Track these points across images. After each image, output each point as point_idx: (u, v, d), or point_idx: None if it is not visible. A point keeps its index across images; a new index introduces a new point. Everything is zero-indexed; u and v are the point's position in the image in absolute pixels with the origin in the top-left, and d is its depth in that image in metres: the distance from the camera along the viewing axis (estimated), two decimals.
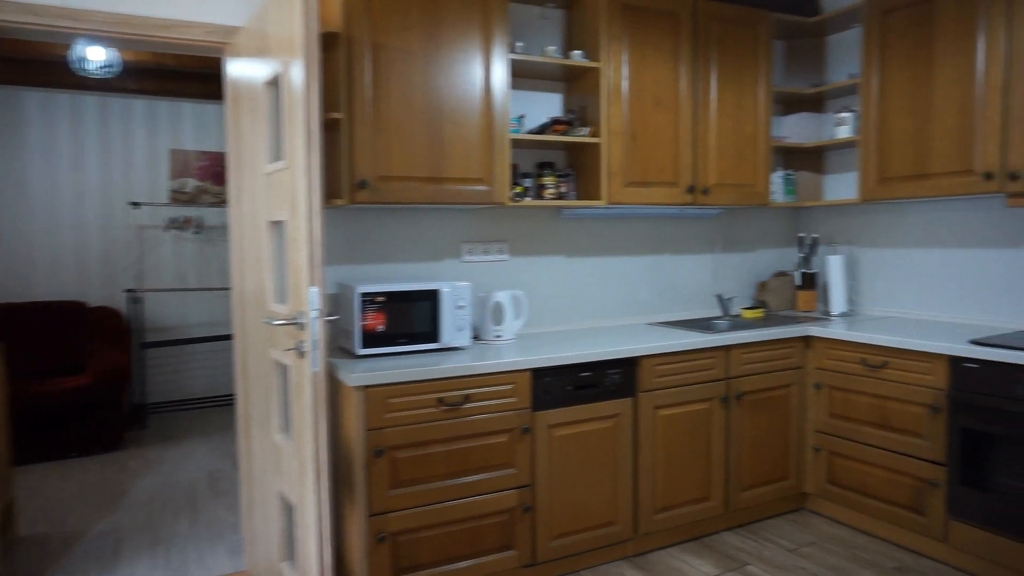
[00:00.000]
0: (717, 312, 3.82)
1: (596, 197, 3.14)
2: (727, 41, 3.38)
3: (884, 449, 2.99)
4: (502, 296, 3.00)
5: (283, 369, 2.36)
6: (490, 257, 3.21)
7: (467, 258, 3.16)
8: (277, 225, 2.36)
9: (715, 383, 3.06)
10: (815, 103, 3.91)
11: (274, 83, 2.31)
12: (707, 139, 3.35)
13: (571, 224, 3.41)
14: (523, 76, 3.23)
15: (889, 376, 2.96)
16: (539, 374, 2.66)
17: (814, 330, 3.26)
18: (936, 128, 3.05)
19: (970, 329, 3.06)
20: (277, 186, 2.25)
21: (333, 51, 2.63)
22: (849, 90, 3.64)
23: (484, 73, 2.80)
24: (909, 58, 3.15)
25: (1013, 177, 2.78)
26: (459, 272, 3.15)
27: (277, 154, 2.31)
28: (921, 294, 3.48)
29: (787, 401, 3.27)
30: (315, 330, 2.01)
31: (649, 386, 2.90)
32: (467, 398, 2.52)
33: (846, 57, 3.77)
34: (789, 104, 3.92)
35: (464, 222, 3.15)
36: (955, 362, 2.73)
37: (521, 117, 3.15)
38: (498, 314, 2.98)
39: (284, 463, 2.33)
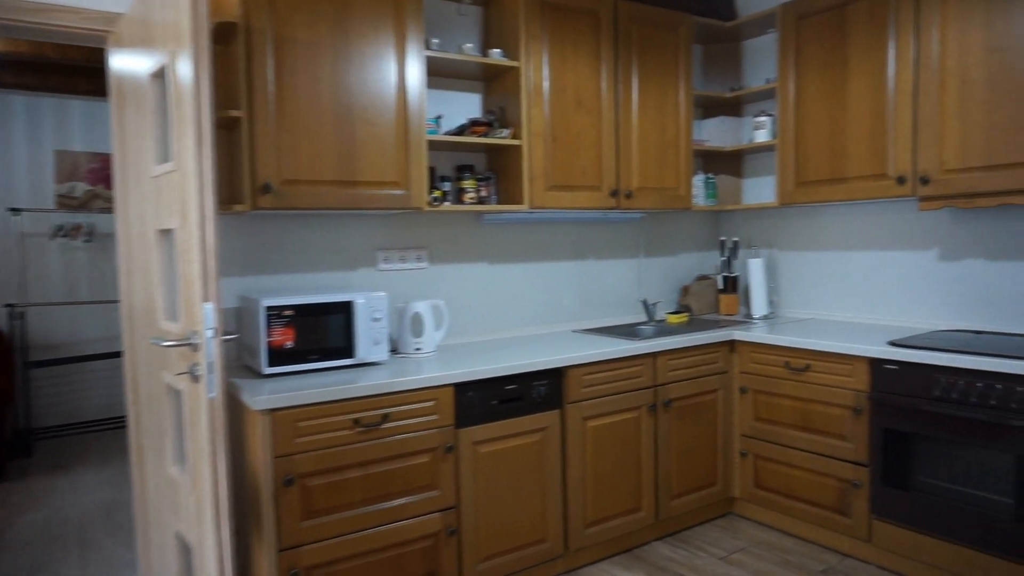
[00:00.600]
0: (642, 317, 3.77)
1: (518, 201, 3.02)
2: (648, 43, 3.34)
3: (808, 451, 3.00)
4: (421, 306, 2.84)
5: (176, 394, 2.12)
6: (408, 265, 3.04)
7: (383, 267, 2.98)
8: (167, 234, 2.12)
9: (643, 391, 2.99)
10: (733, 107, 3.93)
11: (160, 76, 2.08)
12: (629, 142, 3.29)
13: (493, 229, 3.28)
14: (440, 75, 3.08)
15: (812, 379, 2.97)
16: (462, 389, 2.52)
17: (738, 334, 3.25)
18: (851, 133, 3.09)
19: (888, 330, 3.12)
20: (166, 191, 2.02)
21: (231, 43, 2.41)
22: (767, 94, 3.67)
23: (398, 70, 2.63)
24: (824, 64, 3.18)
25: (924, 181, 2.84)
26: (375, 282, 2.97)
27: (165, 155, 2.08)
28: (839, 296, 3.53)
29: (714, 406, 3.25)
30: (210, 351, 1.80)
31: (577, 397, 2.80)
32: (385, 417, 2.34)
33: (763, 62, 3.80)
34: (708, 108, 3.93)
35: (379, 229, 2.97)
36: (875, 364, 2.75)
37: (439, 118, 3.00)
38: (417, 325, 2.82)
39: (181, 499, 2.10)
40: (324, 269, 2.85)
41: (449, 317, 3.13)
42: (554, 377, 2.74)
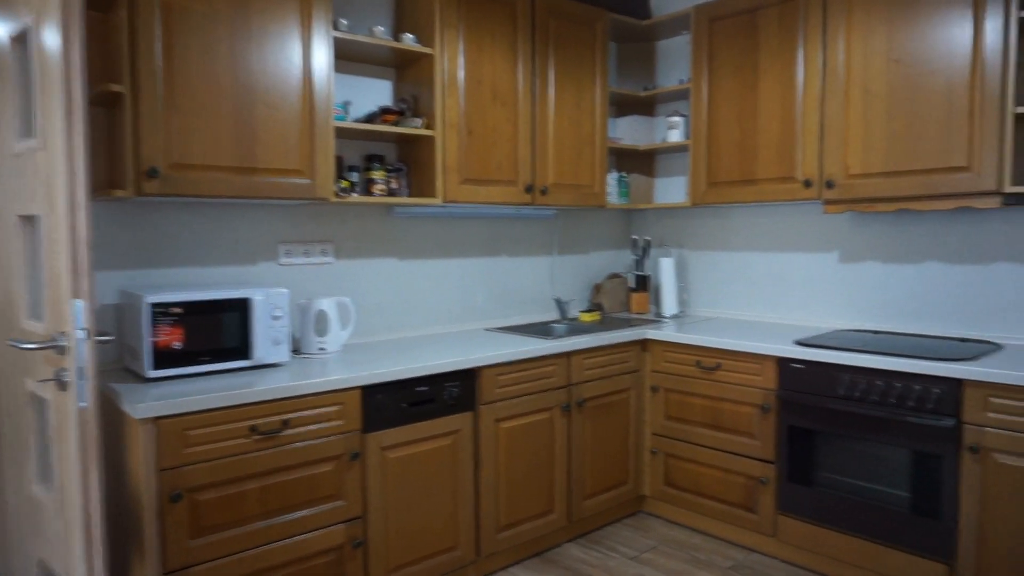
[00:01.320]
0: (554, 315, 3.73)
1: (431, 195, 2.90)
2: (565, 38, 3.28)
3: (718, 449, 3.04)
4: (326, 303, 2.67)
5: (41, 404, 1.88)
6: (312, 260, 2.86)
7: (285, 261, 2.78)
8: (30, 221, 1.87)
9: (557, 391, 2.94)
10: (646, 106, 3.94)
11: (22, 40, 1.82)
12: (546, 137, 3.23)
13: (403, 223, 3.14)
14: (348, 59, 2.91)
15: (722, 378, 3.00)
16: (370, 391, 2.37)
17: (651, 333, 3.25)
18: (762, 136, 3.14)
19: (793, 330, 3.19)
20: (30, 171, 1.77)
21: (112, 9, 2.17)
22: (680, 95, 3.69)
23: (303, 50, 2.45)
24: (736, 67, 3.22)
25: (829, 185, 2.91)
26: (276, 277, 2.77)
27: (29, 129, 1.83)
28: (746, 295, 3.60)
29: (626, 405, 3.24)
30: (81, 355, 1.59)
31: (490, 398, 2.71)
32: (286, 424, 2.17)
33: (676, 62, 3.83)
34: (621, 106, 3.92)
35: (281, 220, 2.78)
36: (783, 363, 2.81)
37: (347, 104, 2.83)
38: (322, 324, 2.65)
39: (46, 523, 1.86)
40: (219, 263, 2.63)
41: (356, 315, 2.97)
42: (467, 378, 2.64)
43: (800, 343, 2.79)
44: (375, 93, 3.04)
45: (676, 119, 3.62)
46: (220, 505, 2.05)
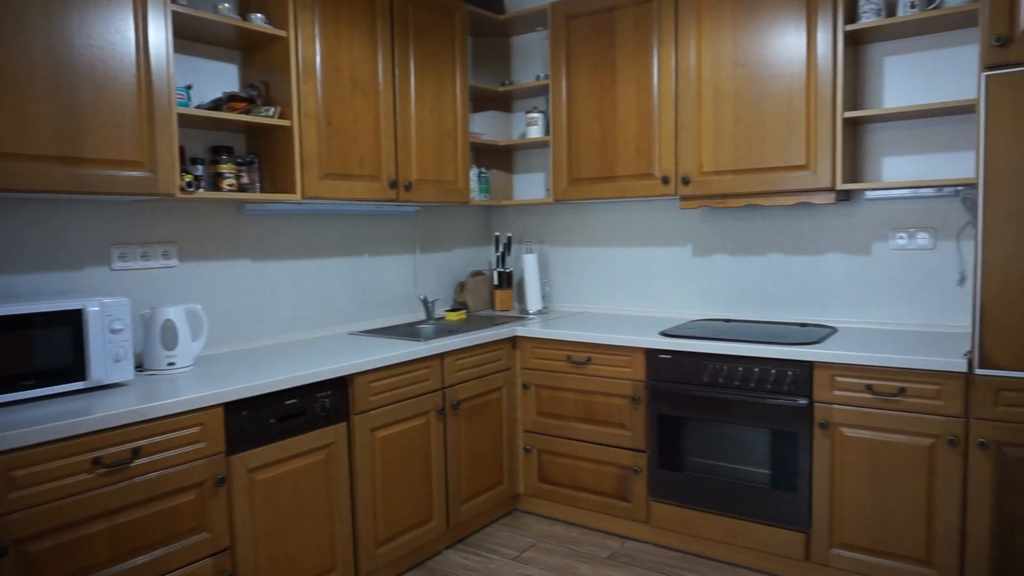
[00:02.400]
0: (419, 316, 3.61)
1: (288, 190, 2.67)
2: (425, 28, 3.17)
3: (591, 442, 3.08)
4: (173, 312, 2.37)
5: None
6: (153, 263, 2.54)
7: (120, 266, 2.44)
8: None
9: (432, 394, 2.83)
10: (504, 102, 3.92)
11: None
12: (408, 131, 3.10)
13: (257, 222, 2.88)
14: (188, 38, 2.61)
15: (593, 371, 3.05)
16: (233, 408, 2.13)
17: (520, 330, 3.23)
18: (620, 133, 3.23)
19: (655, 321, 3.32)
20: None
21: None
22: (538, 91, 3.71)
23: (138, 23, 2.15)
24: (594, 65, 3.29)
25: (685, 182, 3.05)
26: (110, 284, 2.42)
27: None
28: (608, 289, 3.70)
29: (498, 404, 3.20)
30: None
31: (365, 406, 2.55)
32: (136, 452, 1.89)
33: (533, 59, 3.84)
34: (478, 101, 3.87)
35: (115, 219, 2.43)
36: (651, 354, 2.90)
37: (188, 88, 2.53)
38: (169, 336, 2.35)
39: None
40: (36, 270, 2.24)
41: (208, 324, 2.68)
42: (339, 387, 2.46)
43: (665, 334, 2.90)
44: (219, 78, 2.75)
45: (535, 115, 3.63)
46: (60, 554, 1.74)
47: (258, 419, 2.20)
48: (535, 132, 3.63)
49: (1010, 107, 2.18)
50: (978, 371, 2.27)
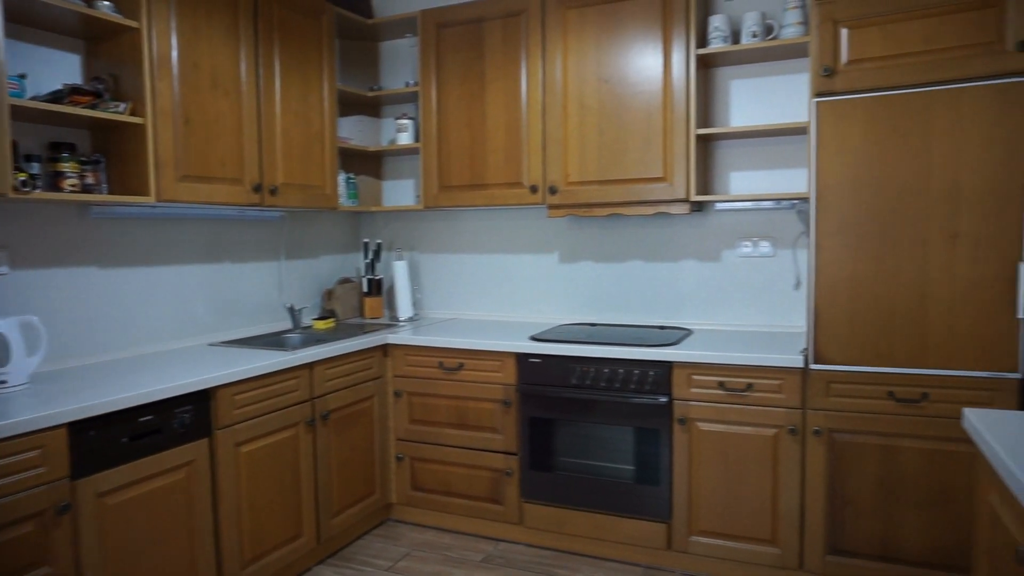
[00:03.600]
0: (285, 325, 3.47)
1: (141, 192, 2.50)
2: (290, 28, 3.07)
3: (463, 447, 3.10)
4: (5, 325, 2.14)
5: None
6: None
7: None
8: None
9: (300, 405, 2.74)
10: (372, 107, 3.88)
11: None
12: (273, 133, 2.99)
13: (104, 226, 2.66)
14: (23, 22, 2.37)
15: (465, 377, 3.08)
16: (79, 428, 1.96)
17: (391, 338, 3.20)
18: (490, 142, 3.28)
19: (525, 327, 3.40)
20: None
21: None
22: (407, 97, 3.70)
23: None
24: (464, 73, 3.33)
25: (552, 191, 3.16)
26: None
27: None
28: (478, 296, 3.74)
29: (370, 414, 3.14)
30: None
31: (228, 421, 2.42)
32: None
33: (402, 65, 3.83)
34: (346, 105, 3.80)
35: None
36: (521, 358, 2.97)
37: (22, 77, 2.30)
38: (1, 351, 2.12)
39: None
40: None
41: (47, 338, 2.43)
42: (200, 401, 2.33)
43: (535, 338, 2.98)
44: (59, 68, 2.52)
45: (405, 122, 3.62)
46: None
47: (109, 439, 2.03)
48: (405, 138, 3.62)
49: (835, 131, 2.45)
50: (812, 366, 2.51)
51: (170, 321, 2.91)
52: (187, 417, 2.27)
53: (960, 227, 2.30)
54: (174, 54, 2.54)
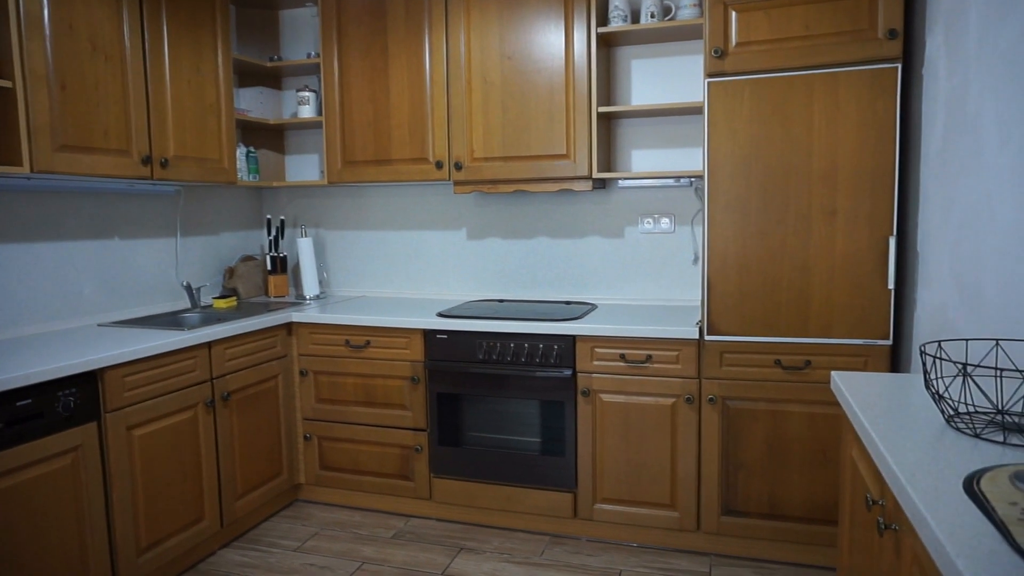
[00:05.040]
0: (183, 304, 3.34)
1: (13, 162, 2.33)
2: None
3: (372, 425, 3.09)
4: None
5: None
6: None
7: None
8: None
9: (198, 386, 2.65)
10: (273, 78, 3.74)
11: None
12: (163, 103, 2.84)
13: None
14: None
15: (372, 355, 3.05)
16: None
17: (296, 316, 3.13)
18: (395, 117, 3.24)
19: (433, 304, 3.39)
20: None
21: None
22: (310, 69, 3.59)
23: None
24: (367, 46, 3.26)
25: (458, 167, 3.15)
26: None
27: None
28: (385, 273, 3.71)
29: (275, 393, 3.08)
30: None
31: (119, 403, 2.32)
32: None
33: (304, 35, 3.71)
34: (244, 76, 3.66)
35: None
36: (428, 335, 2.97)
37: None
38: None
39: None
40: None
41: None
42: (86, 382, 2.22)
43: (442, 315, 2.99)
44: None
45: (307, 94, 3.52)
46: None
47: None
48: (307, 112, 3.52)
49: (725, 110, 2.55)
50: (707, 337, 2.63)
51: (53, 300, 2.74)
52: (72, 400, 2.16)
53: (838, 204, 2.45)
54: (45, 13, 2.37)
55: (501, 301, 3.39)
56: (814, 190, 2.48)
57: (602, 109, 2.96)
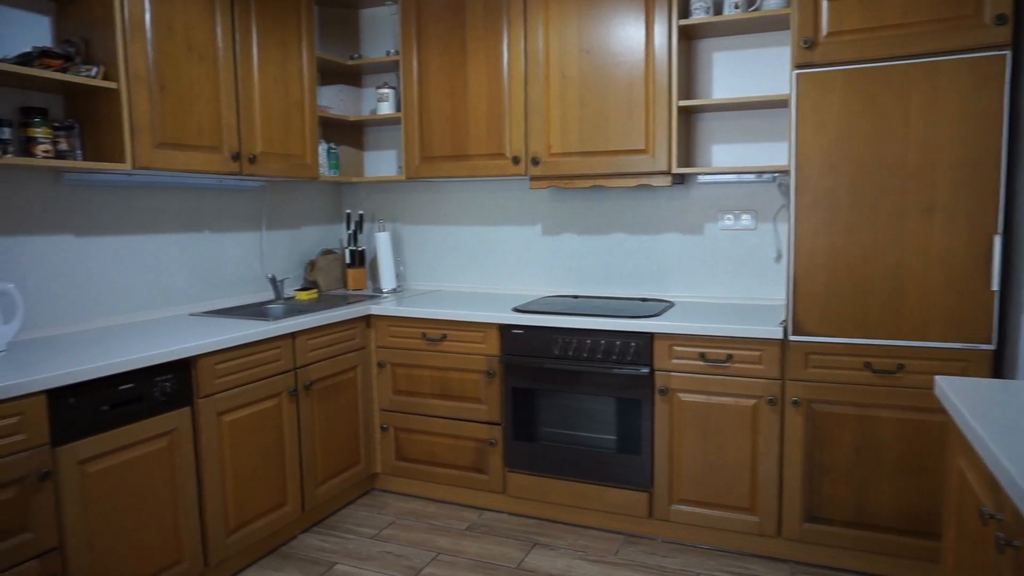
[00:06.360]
0: (266, 296, 3.45)
1: (116, 159, 2.45)
2: None
3: (447, 418, 3.12)
4: None
5: None
6: None
7: None
8: None
9: (283, 375, 2.73)
10: (353, 76, 3.82)
11: None
12: (251, 101, 2.94)
13: (77, 193, 2.61)
14: None
15: (448, 348, 3.09)
16: (59, 395, 1.94)
17: (374, 309, 3.19)
18: (472, 113, 3.26)
19: (507, 298, 3.40)
20: None
21: None
22: (388, 66, 3.65)
23: None
24: (445, 43, 3.29)
25: (535, 162, 3.15)
26: None
27: None
28: (460, 268, 3.74)
29: (353, 384, 3.15)
30: None
31: (210, 389, 2.41)
32: None
33: (382, 33, 3.77)
34: (325, 74, 3.75)
35: None
36: (504, 329, 2.98)
37: None
38: None
39: None
40: None
41: (24, 305, 2.40)
42: (181, 369, 2.31)
43: (518, 310, 2.99)
44: (28, 30, 2.46)
45: (386, 91, 3.58)
46: None
47: (89, 406, 2.02)
48: (386, 108, 3.58)
49: (814, 103, 2.46)
50: (791, 337, 2.55)
51: (149, 290, 2.88)
52: (168, 386, 2.26)
53: (936, 200, 2.33)
54: (147, 16, 2.49)
55: (576, 297, 3.37)
56: (909, 186, 2.36)
57: (682, 103, 2.90)
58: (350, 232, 3.74)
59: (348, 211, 3.84)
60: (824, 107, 2.45)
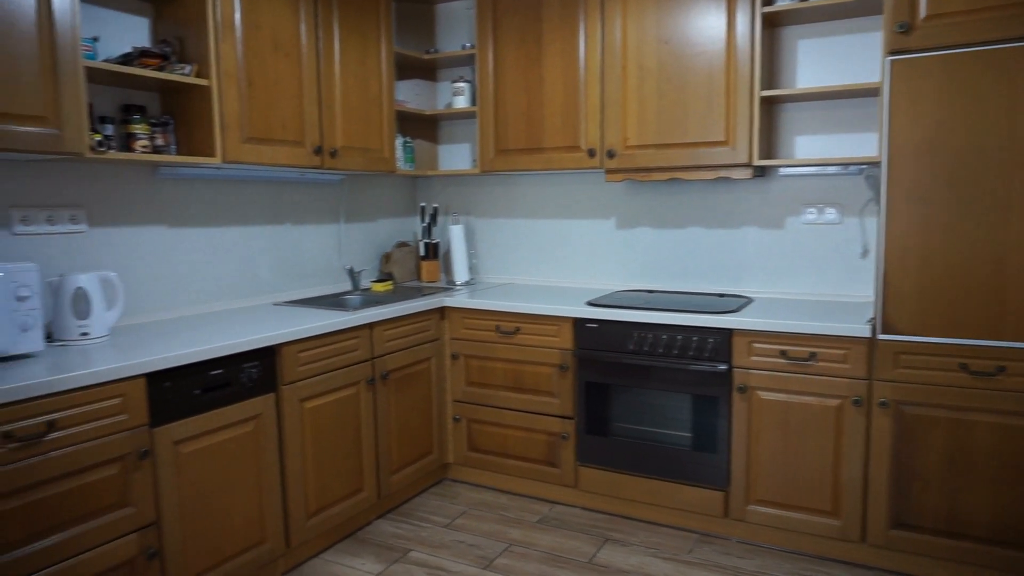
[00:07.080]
0: (344, 287, 3.54)
1: (207, 153, 2.55)
2: None
3: (519, 410, 3.13)
4: (86, 280, 2.23)
5: None
6: (59, 228, 2.37)
7: (22, 229, 2.27)
8: None
9: (361, 364, 2.79)
10: (429, 70, 3.87)
11: None
12: (332, 96, 3.01)
13: (172, 186, 2.73)
14: None
15: (522, 341, 3.09)
16: (157, 379, 2.04)
17: (448, 301, 3.23)
18: (547, 105, 3.25)
19: (581, 292, 3.38)
20: None
21: None
22: (463, 60, 3.68)
23: None
24: (521, 36, 3.28)
25: (610, 155, 3.11)
26: (12, 249, 2.25)
27: None
28: (534, 261, 3.74)
29: (427, 375, 3.19)
30: None
31: (293, 377, 2.49)
32: (51, 426, 1.78)
33: (458, 28, 3.80)
34: (402, 69, 3.80)
35: (13, 179, 2.25)
36: (578, 323, 2.96)
37: (95, 40, 2.37)
38: (82, 304, 2.21)
39: None
40: None
41: (124, 293, 2.53)
42: (266, 357, 2.39)
43: (592, 304, 2.97)
44: (128, 32, 2.58)
45: (462, 85, 3.60)
46: None
47: (182, 390, 2.11)
48: (461, 102, 3.61)
49: (910, 91, 2.34)
50: (880, 336, 2.44)
51: (235, 280, 2.99)
52: (254, 372, 2.35)
53: None
54: (237, 16, 2.57)
55: (651, 292, 3.32)
56: (1014, 178, 2.22)
57: (765, 93, 2.82)
58: (424, 225, 3.79)
59: (423, 204, 3.90)
60: (920, 95, 2.33)
